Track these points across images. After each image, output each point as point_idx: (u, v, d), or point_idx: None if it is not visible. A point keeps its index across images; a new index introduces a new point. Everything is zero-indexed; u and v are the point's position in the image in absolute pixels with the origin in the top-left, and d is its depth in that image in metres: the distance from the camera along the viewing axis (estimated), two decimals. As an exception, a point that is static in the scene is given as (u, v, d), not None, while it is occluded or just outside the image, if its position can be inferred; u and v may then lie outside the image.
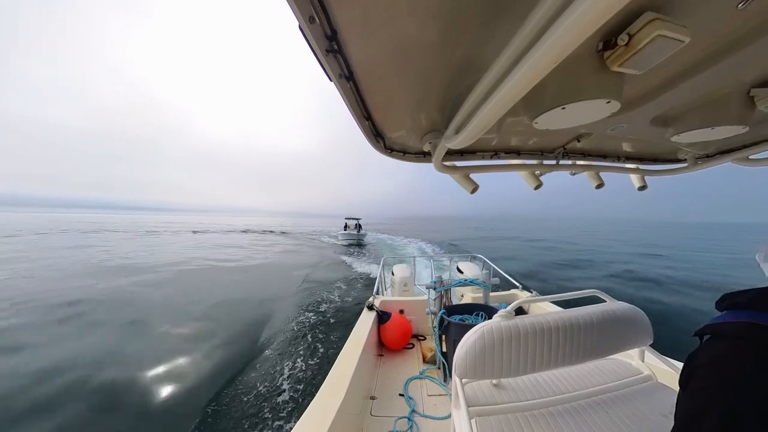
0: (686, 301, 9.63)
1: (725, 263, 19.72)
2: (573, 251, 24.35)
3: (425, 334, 3.21)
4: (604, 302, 1.39)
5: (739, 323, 0.59)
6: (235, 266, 16.02)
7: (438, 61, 0.79)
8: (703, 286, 12.03)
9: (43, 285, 11.42)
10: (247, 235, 43.55)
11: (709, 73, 0.85)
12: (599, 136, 1.42)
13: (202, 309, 8.44)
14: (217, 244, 28.76)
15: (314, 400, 1.52)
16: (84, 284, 11.50)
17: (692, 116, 1.08)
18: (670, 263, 18.33)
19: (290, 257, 20.12)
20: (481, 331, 1.14)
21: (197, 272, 14.21)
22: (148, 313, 8.09)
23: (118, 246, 25.87)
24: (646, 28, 0.59)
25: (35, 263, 16.33)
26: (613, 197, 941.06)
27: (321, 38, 0.66)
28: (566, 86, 0.78)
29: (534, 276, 13.73)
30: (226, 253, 21.44)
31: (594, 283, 12.92)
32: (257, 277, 13.46)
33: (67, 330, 7.07)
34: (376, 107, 1.05)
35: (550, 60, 0.54)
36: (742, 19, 0.65)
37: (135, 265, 16.03)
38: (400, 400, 2.18)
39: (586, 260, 19.17)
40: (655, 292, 10.88)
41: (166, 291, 10.54)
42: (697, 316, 8.03)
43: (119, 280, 12.21)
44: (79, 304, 8.97)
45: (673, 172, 1.86)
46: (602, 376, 1.36)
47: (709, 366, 0.58)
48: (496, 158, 1.64)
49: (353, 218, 35.30)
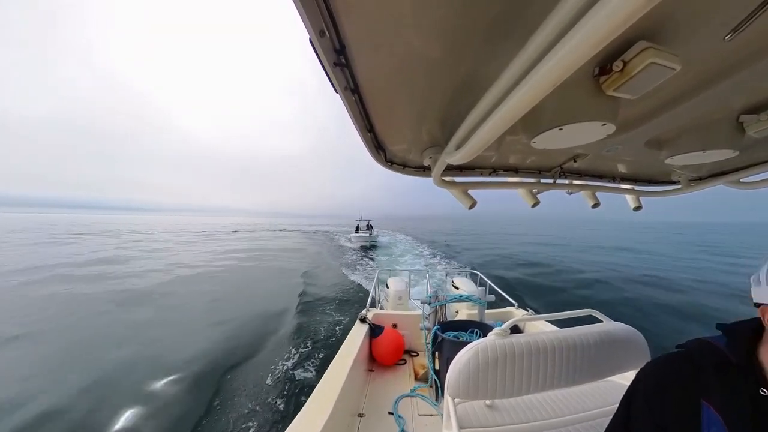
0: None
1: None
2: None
3: (418, 350, 3.14)
4: (600, 322, 1.38)
5: (696, 339, 0.70)
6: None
7: (441, 78, 0.81)
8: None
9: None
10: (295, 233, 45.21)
11: (700, 100, 0.88)
12: (595, 157, 1.45)
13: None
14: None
15: (298, 416, 1.46)
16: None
17: (685, 140, 1.11)
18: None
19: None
20: (475, 349, 1.12)
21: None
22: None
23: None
24: (640, 56, 0.62)
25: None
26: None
27: (330, 51, 0.67)
28: (564, 108, 0.81)
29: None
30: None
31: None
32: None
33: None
34: (379, 120, 1.07)
35: (548, 82, 0.55)
36: (729, 49, 0.69)
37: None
38: (390, 419, 2.11)
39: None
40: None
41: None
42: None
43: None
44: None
45: (667, 194, 1.90)
46: (598, 400, 1.32)
47: (649, 363, 0.74)
48: (494, 175, 1.66)
49: (364, 219, 34.98)
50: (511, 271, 14.55)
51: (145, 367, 5.41)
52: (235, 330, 7.12)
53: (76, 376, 5.12)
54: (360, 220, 34.92)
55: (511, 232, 58.58)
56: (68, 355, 6.01)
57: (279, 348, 6.05)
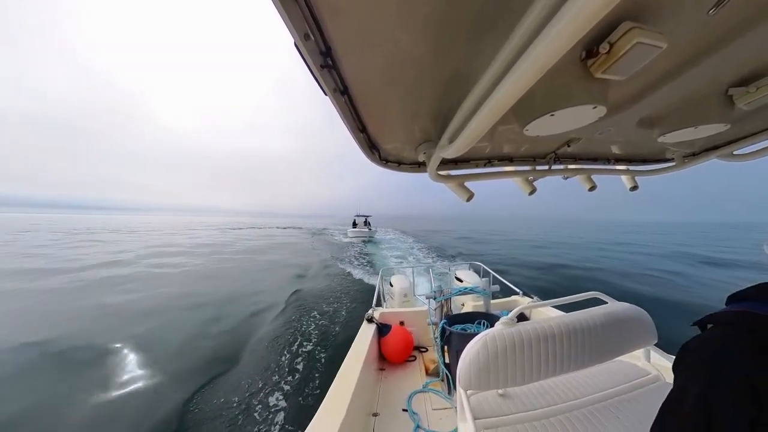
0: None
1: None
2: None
3: (427, 345, 3.15)
4: (605, 303, 1.39)
5: (733, 311, 0.61)
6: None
7: (430, 74, 0.81)
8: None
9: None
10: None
11: (689, 76, 0.89)
12: (589, 140, 1.46)
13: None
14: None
15: (314, 419, 1.46)
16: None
17: (676, 117, 1.12)
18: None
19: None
20: (483, 339, 1.12)
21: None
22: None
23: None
24: (626, 37, 0.62)
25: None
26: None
27: (316, 54, 0.67)
28: (554, 94, 0.81)
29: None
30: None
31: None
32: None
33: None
34: (371, 120, 1.07)
35: (536, 70, 0.55)
36: (713, 24, 0.69)
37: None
38: (404, 416, 2.12)
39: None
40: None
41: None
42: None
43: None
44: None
45: (662, 172, 1.91)
46: (609, 380, 1.34)
47: (695, 350, 0.60)
48: (489, 166, 1.66)
49: (362, 215, 34.55)
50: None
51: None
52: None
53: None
54: (358, 216, 34.44)
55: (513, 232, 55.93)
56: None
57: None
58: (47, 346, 6.04)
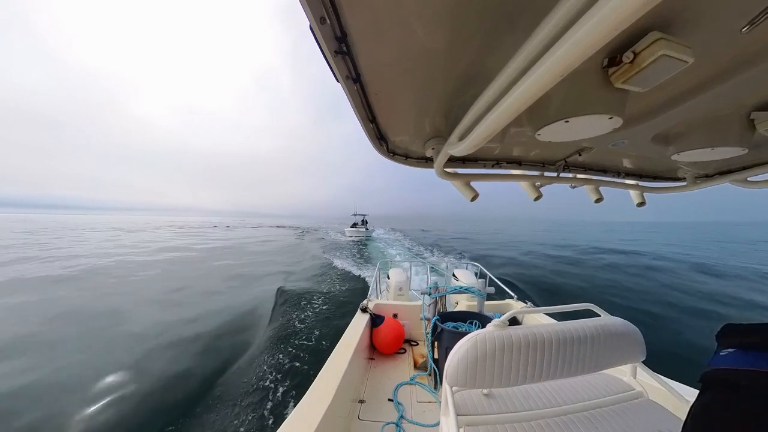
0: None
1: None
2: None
3: (418, 339, 3.19)
4: (598, 316, 1.39)
5: (756, 372, 0.49)
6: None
7: (444, 68, 0.80)
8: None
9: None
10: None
11: (711, 94, 0.86)
12: (600, 151, 1.43)
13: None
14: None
15: (302, 401, 1.50)
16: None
17: (693, 136, 1.09)
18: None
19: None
20: (474, 339, 1.13)
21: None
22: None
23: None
24: (651, 47, 0.59)
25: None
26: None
27: (331, 39, 0.66)
28: (570, 100, 0.79)
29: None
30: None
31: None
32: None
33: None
34: (381, 110, 1.05)
35: (555, 74, 0.54)
36: (745, 42, 0.66)
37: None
38: (389, 405, 2.16)
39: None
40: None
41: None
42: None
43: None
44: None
45: (672, 190, 1.88)
46: (593, 391, 1.35)
47: (703, 417, 0.51)
48: (497, 167, 1.64)
49: (359, 214, 34.81)
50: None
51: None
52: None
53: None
54: (355, 215, 34.69)
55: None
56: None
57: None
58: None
